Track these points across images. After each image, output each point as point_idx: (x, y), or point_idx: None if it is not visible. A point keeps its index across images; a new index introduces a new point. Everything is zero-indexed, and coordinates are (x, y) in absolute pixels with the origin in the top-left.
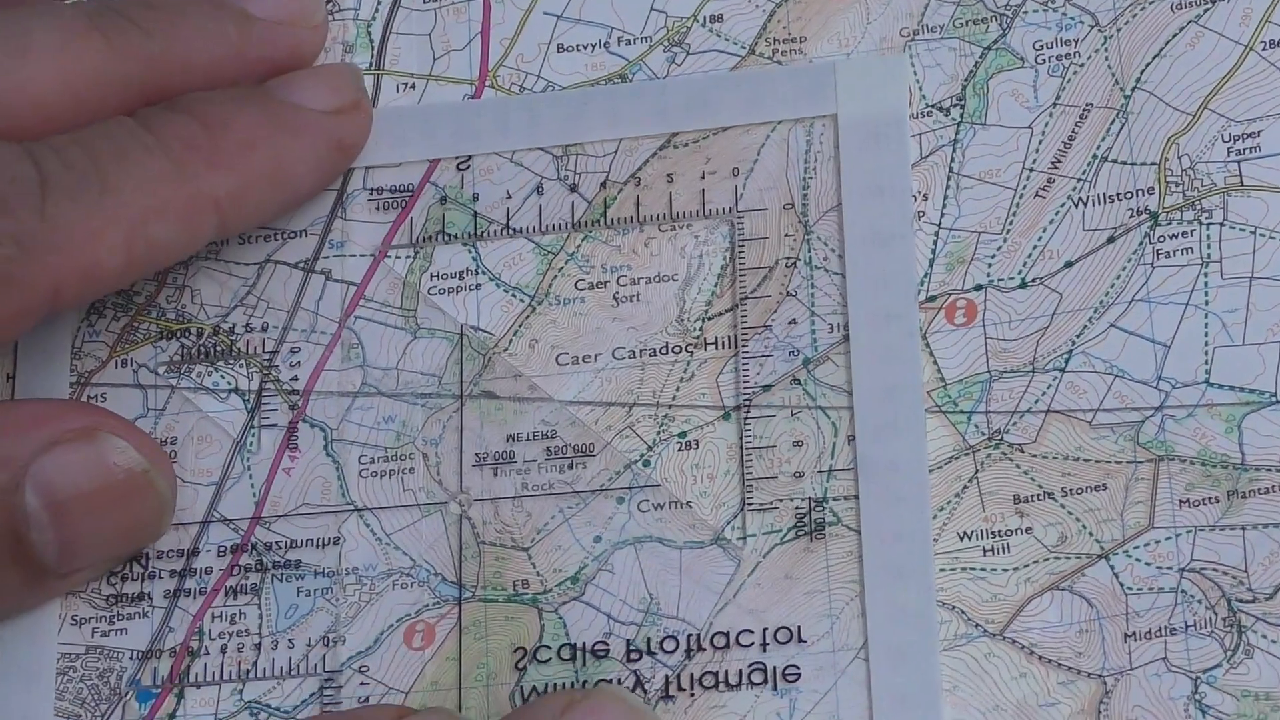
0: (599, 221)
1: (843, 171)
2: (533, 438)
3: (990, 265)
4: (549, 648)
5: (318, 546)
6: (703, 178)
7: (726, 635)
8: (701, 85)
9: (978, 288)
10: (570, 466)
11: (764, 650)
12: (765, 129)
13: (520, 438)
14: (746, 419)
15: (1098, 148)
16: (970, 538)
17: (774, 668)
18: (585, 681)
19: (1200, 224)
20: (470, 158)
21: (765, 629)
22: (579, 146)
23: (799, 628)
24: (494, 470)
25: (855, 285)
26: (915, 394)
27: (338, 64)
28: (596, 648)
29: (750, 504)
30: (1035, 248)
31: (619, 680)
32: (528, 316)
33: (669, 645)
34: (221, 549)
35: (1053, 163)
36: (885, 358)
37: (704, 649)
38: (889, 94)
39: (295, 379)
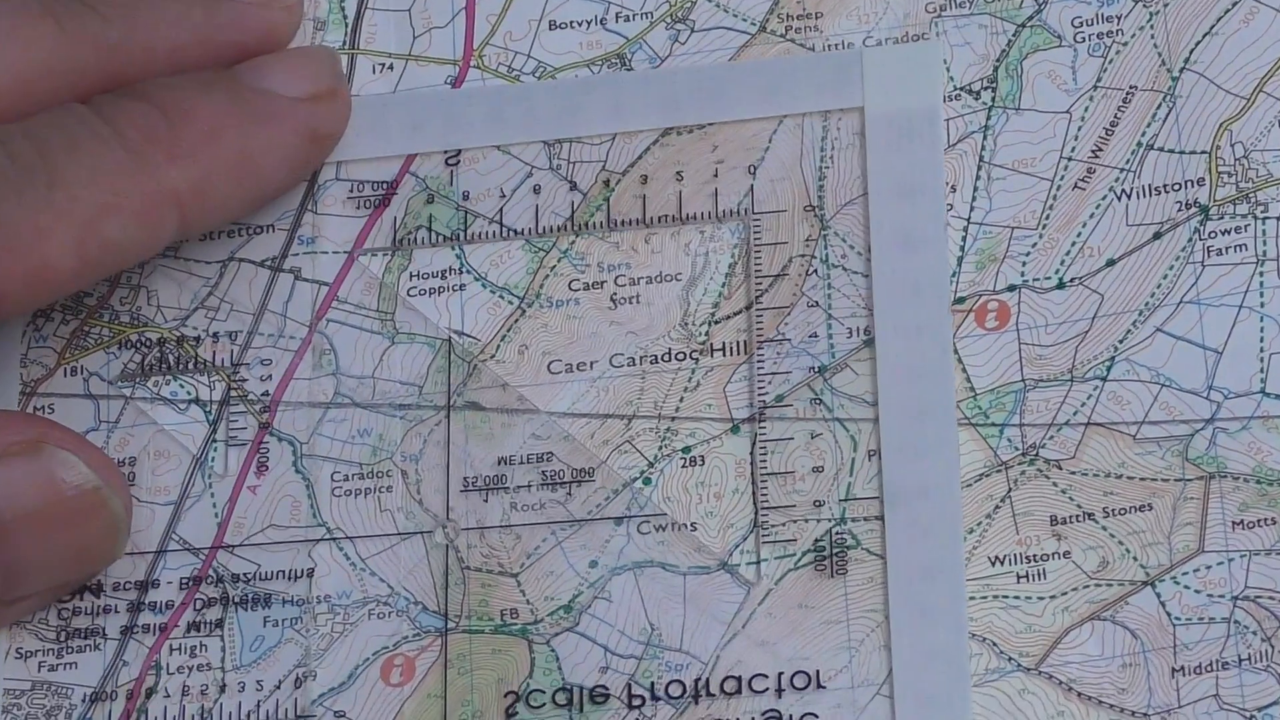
0: (600, 223)
1: (870, 170)
2: (526, 460)
3: (1024, 264)
4: (543, 692)
5: (287, 576)
6: (715, 175)
7: (739, 679)
8: (714, 75)
9: (1011, 288)
10: (567, 490)
11: (779, 696)
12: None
13: (512, 460)
14: (758, 432)
15: (1142, 135)
16: (1003, 563)
17: (790, 716)
18: None
19: (1255, 218)
20: (460, 152)
21: (781, 673)
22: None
23: (817, 672)
24: (484, 496)
25: (882, 293)
26: (947, 411)
27: (314, 47)
28: (595, 692)
29: (761, 525)
30: (1074, 244)
31: None
32: (517, 320)
33: (674, 690)
34: (184, 581)
35: (1093, 151)
36: (914, 373)
37: (713, 694)
38: (921, 85)
39: (262, 389)
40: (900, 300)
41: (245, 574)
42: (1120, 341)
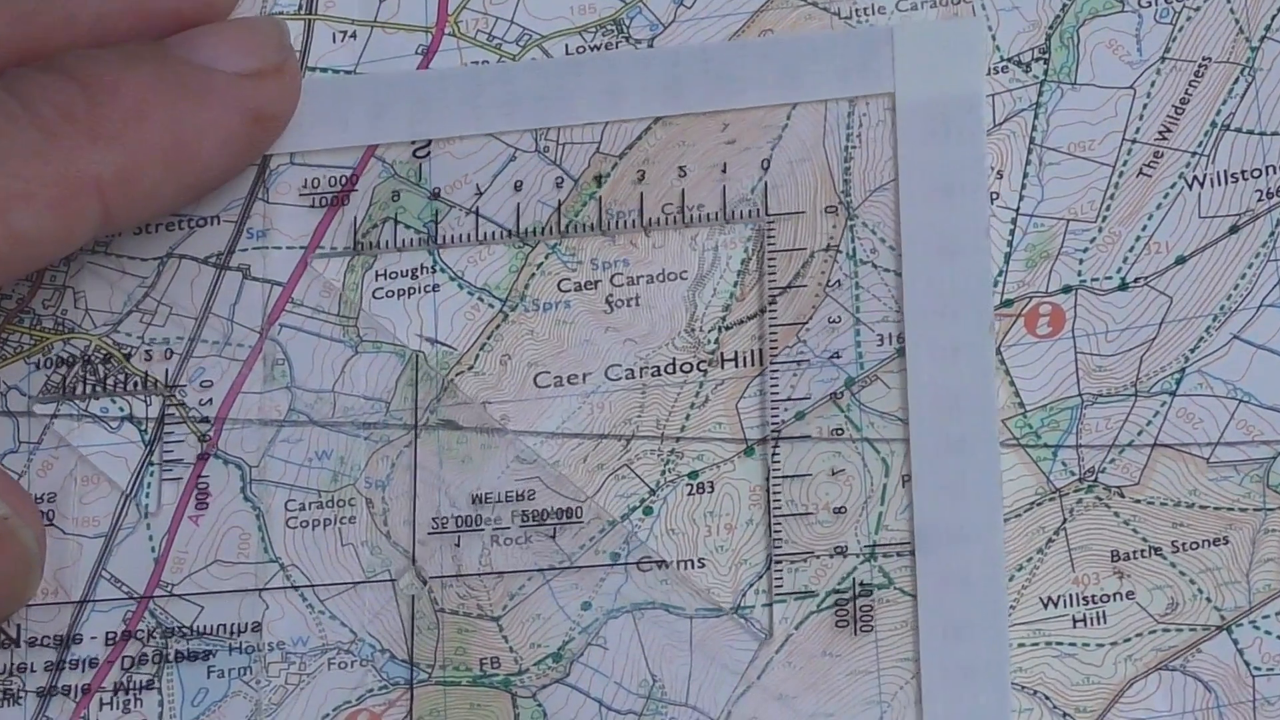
0: (589, 224)
1: (901, 164)
2: (506, 498)
3: (1082, 261)
4: None
5: (235, 621)
6: (723, 168)
7: None
8: (721, 55)
9: (1066, 289)
10: (555, 525)
11: None
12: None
13: (489, 498)
14: (774, 455)
15: (1217, 114)
16: (1057, 604)
17: None
18: None
19: None
20: (430, 143)
21: None
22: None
23: None
24: (456, 539)
25: (914, 306)
26: (988, 442)
27: (258, 17)
28: None
29: (779, 561)
30: (1138, 239)
31: None
32: (499, 326)
33: None
34: (111, 635)
35: (1160, 132)
36: (950, 398)
37: None
38: (961, 67)
39: (205, 403)
40: (935, 315)
41: (184, 621)
42: (1191, 350)
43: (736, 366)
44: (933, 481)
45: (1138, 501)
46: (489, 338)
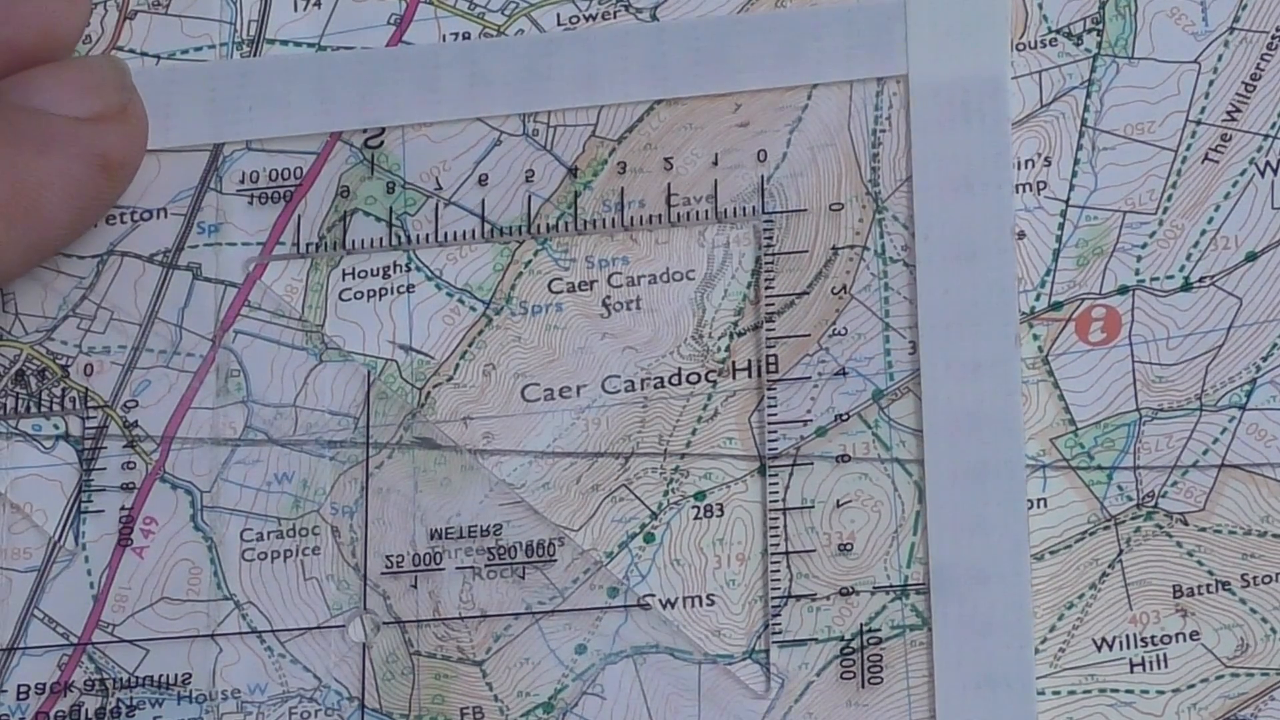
0: (579, 223)
1: (916, 155)
2: (470, 534)
3: (1140, 259)
4: None
5: (182, 675)
6: (724, 160)
7: None
8: (717, 32)
9: (1123, 290)
10: (545, 556)
11: None
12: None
13: (450, 533)
14: (789, 476)
15: None
16: (1112, 647)
17: None
18: None
19: None
20: (384, 131)
21: None
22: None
23: None
24: (411, 580)
25: (930, 315)
26: (1013, 468)
27: (95, 57)
28: None
29: (795, 598)
30: (1204, 234)
31: None
32: (481, 331)
33: None
34: (40, 686)
35: (1229, 112)
36: (970, 418)
37: None
38: (983, 45)
39: (149, 420)
40: (953, 327)
41: (127, 668)
42: (1264, 359)
43: (750, 377)
44: (950, 513)
45: (1203, 530)
46: (470, 345)
